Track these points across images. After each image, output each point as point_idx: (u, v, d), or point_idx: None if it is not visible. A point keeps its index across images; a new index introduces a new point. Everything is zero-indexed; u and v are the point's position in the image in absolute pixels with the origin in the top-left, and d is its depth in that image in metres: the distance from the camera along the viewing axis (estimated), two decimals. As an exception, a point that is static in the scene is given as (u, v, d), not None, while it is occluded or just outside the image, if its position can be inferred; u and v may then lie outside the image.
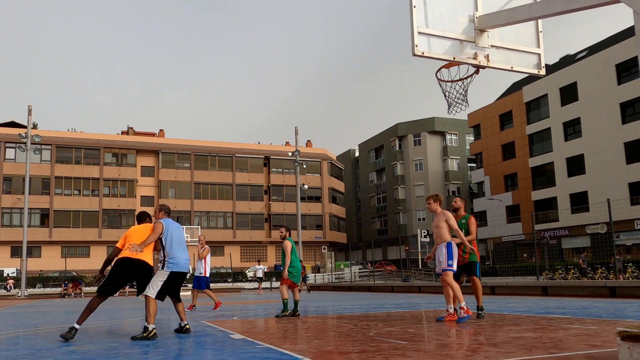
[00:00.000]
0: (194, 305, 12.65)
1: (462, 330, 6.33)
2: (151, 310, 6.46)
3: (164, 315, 10.96)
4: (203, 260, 12.50)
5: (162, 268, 6.67)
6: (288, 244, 9.18)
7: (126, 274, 6.67)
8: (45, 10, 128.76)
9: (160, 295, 6.56)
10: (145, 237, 6.69)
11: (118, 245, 6.75)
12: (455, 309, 7.50)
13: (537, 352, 4.46)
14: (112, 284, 6.62)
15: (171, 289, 6.79)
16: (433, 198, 7.81)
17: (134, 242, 6.65)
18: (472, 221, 7.98)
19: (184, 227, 32.09)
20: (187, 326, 7.01)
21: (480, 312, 7.90)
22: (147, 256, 6.70)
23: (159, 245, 6.80)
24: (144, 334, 6.35)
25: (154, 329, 6.44)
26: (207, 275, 12.59)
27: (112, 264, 6.71)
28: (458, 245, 7.64)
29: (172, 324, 8.66)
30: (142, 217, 7.11)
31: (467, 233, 7.84)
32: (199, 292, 13.06)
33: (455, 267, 7.42)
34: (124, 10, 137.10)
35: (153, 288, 6.55)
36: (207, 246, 12.73)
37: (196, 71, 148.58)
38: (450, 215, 7.64)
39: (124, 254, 6.61)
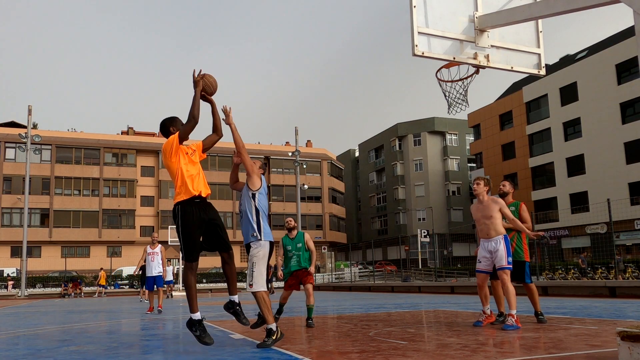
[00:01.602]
0: (153, 308, 11.92)
1: (461, 331, 6.33)
2: (266, 306, 5.19)
3: (166, 315, 10.96)
4: (160, 259, 11.98)
5: (260, 241, 5.24)
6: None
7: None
8: (46, 10, 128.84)
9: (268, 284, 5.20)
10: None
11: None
12: (491, 312, 6.88)
13: (537, 352, 4.47)
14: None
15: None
16: (484, 181, 6.77)
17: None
18: (525, 209, 7.01)
19: (184, 227, 32.14)
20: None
21: (540, 316, 6.96)
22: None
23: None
24: (273, 337, 5.22)
25: (277, 328, 5.30)
26: (152, 274, 11.95)
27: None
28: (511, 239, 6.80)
29: (176, 322, 8.67)
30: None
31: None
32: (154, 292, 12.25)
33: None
34: (124, 10, 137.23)
35: (258, 278, 5.19)
36: (147, 246, 12.28)
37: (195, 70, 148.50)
38: (504, 203, 6.65)
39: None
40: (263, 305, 5.19)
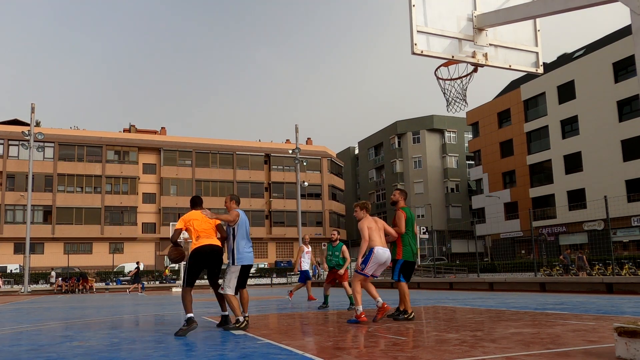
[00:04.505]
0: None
1: (460, 326, 6.40)
2: (234, 304, 6.67)
3: (167, 311, 11.01)
4: (307, 257, 13.68)
5: (233, 263, 6.77)
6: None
7: (205, 262, 6.73)
8: (48, 8, 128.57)
9: (236, 291, 6.78)
10: (214, 220, 6.79)
11: (178, 226, 6.77)
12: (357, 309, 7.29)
13: (535, 348, 4.51)
14: (194, 274, 6.70)
15: (240, 281, 6.90)
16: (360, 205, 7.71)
17: (201, 226, 6.69)
18: (398, 216, 7.56)
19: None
20: (247, 318, 6.98)
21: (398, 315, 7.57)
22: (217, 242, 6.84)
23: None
24: (237, 325, 6.73)
25: (245, 317, 6.81)
26: (305, 269, 13.74)
27: (190, 256, 6.65)
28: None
29: (177, 318, 8.71)
30: (197, 202, 7.09)
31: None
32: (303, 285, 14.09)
33: (366, 272, 7.22)
34: (125, 10, 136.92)
35: (229, 285, 6.72)
36: (302, 245, 13.80)
37: (197, 69, 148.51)
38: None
39: (202, 242, 6.63)
40: (231, 304, 6.69)
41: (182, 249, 6.81)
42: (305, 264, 13.71)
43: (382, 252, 7.18)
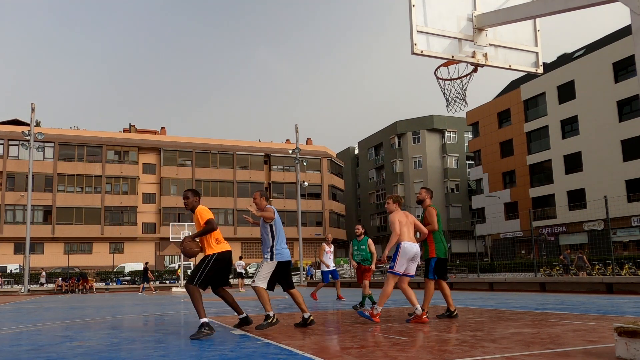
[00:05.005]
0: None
1: (460, 326, 6.40)
2: (265, 298, 6.49)
3: (167, 311, 11.01)
4: (328, 256, 13.84)
5: (271, 259, 6.56)
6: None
7: (224, 267, 6.40)
8: (48, 9, 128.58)
9: (270, 285, 6.53)
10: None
11: (211, 216, 6.33)
12: (421, 310, 7.15)
13: (535, 348, 4.51)
14: (211, 279, 6.30)
15: (281, 278, 6.66)
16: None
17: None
18: (431, 213, 7.48)
19: (186, 223, 32.26)
20: (311, 318, 6.74)
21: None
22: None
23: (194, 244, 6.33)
24: (268, 320, 6.43)
25: (274, 314, 6.49)
26: (326, 269, 13.91)
27: (214, 258, 6.21)
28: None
29: (177, 318, 8.72)
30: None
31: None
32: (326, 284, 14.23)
33: (397, 270, 7.14)
34: (124, 10, 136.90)
35: (262, 278, 6.50)
36: (324, 244, 13.93)
37: (197, 69, 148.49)
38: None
39: (225, 247, 6.31)
40: (261, 297, 6.55)
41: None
42: (330, 263, 13.84)
43: (410, 247, 7.04)
